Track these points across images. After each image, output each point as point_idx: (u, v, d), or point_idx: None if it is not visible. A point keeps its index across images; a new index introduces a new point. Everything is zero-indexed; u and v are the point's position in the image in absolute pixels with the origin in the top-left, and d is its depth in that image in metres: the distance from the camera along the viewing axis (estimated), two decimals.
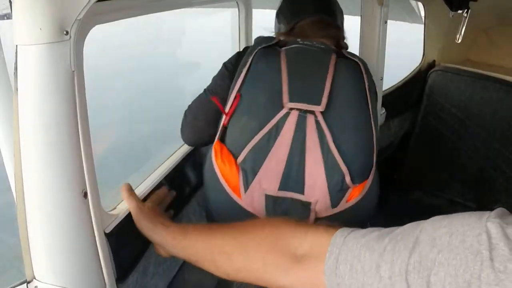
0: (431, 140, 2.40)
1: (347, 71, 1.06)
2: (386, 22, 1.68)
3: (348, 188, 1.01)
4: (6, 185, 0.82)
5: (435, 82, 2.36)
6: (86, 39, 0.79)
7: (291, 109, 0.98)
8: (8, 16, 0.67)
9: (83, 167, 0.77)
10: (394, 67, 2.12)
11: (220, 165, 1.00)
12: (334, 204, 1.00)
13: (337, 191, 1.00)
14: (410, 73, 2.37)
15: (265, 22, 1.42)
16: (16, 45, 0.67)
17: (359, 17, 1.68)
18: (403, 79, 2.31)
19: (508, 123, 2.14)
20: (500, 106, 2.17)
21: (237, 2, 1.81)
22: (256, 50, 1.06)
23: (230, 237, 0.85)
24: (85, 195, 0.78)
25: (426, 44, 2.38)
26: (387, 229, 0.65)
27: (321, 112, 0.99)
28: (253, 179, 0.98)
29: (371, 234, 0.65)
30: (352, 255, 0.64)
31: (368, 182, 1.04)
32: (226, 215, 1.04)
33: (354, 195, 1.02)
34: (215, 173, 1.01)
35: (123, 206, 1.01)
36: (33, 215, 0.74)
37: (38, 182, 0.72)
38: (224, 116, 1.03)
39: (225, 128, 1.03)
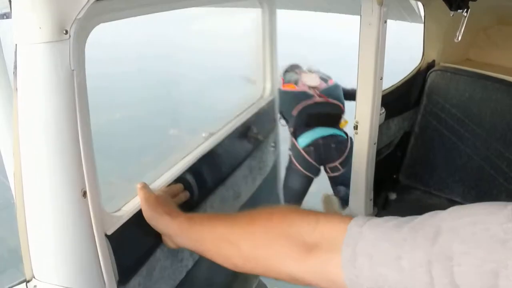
0: (430, 140, 2.40)
1: None
2: (386, 22, 1.68)
3: None
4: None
5: (434, 82, 2.36)
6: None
7: None
8: (7, 15, 0.67)
9: (82, 166, 0.77)
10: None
11: None
12: None
13: None
14: (410, 73, 2.36)
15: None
16: (16, 44, 0.67)
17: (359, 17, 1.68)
18: (402, 79, 2.31)
19: (508, 123, 2.14)
20: (500, 106, 2.17)
21: (259, 2, 1.68)
22: None
23: (237, 226, 0.83)
24: (84, 194, 0.78)
25: (426, 44, 2.38)
26: (404, 219, 0.63)
27: None
28: None
29: (388, 223, 0.63)
30: (370, 246, 0.62)
31: None
32: None
33: None
34: None
35: (128, 208, 0.99)
36: (33, 214, 0.74)
37: (38, 181, 0.72)
38: None
39: None
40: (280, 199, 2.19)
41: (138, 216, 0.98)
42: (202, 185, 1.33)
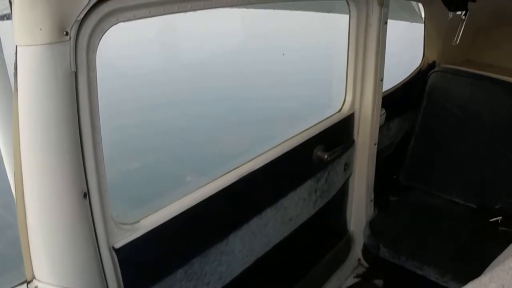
0: (431, 141, 2.40)
1: None
2: (386, 23, 1.68)
3: None
4: None
5: (435, 83, 2.36)
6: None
7: None
8: (8, 17, 0.67)
9: (83, 167, 0.77)
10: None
11: None
12: None
13: None
14: (410, 74, 2.37)
15: None
16: (16, 46, 0.67)
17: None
18: (403, 80, 2.31)
19: (508, 123, 2.14)
20: (500, 106, 2.17)
21: (347, 2, 1.53)
22: None
23: None
24: (85, 195, 0.79)
25: (426, 45, 2.38)
26: None
27: None
28: None
29: None
30: None
31: None
32: None
33: None
34: None
35: (147, 222, 0.97)
36: (33, 214, 0.74)
37: (38, 181, 0.72)
38: None
39: None
40: (347, 226, 2.05)
41: (157, 232, 0.96)
42: (245, 205, 1.26)
